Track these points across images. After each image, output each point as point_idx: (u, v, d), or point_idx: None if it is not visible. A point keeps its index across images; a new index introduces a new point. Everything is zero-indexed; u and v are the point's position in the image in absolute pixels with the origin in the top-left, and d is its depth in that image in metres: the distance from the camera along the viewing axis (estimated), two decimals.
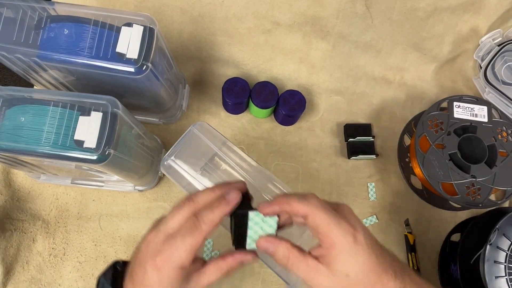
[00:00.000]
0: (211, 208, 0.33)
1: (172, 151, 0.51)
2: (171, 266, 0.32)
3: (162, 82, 0.54)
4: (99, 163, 0.43)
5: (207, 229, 0.33)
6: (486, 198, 0.59)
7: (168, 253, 0.32)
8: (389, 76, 0.75)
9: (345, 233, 0.32)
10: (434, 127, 0.63)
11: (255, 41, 0.73)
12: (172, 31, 0.72)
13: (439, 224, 0.68)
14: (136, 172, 0.56)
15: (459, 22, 0.73)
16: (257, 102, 0.66)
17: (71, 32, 0.47)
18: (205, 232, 0.32)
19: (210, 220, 0.33)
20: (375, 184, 0.69)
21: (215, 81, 0.73)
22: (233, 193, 0.35)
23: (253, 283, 0.62)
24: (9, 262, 0.59)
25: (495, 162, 0.61)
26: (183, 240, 0.32)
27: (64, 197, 0.64)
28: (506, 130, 0.63)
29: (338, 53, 0.74)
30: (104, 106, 0.45)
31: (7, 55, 0.47)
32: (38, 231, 0.62)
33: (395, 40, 0.74)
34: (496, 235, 0.53)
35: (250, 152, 0.69)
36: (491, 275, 0.52)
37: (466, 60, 0.77)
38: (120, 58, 0.47)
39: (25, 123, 0.44)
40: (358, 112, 0.73)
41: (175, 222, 0.33)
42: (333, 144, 0.71)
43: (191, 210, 0.34)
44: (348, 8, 0.70)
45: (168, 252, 0.32)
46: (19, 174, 0.65)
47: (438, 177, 0.60)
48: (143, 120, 0.68)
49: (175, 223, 0.33)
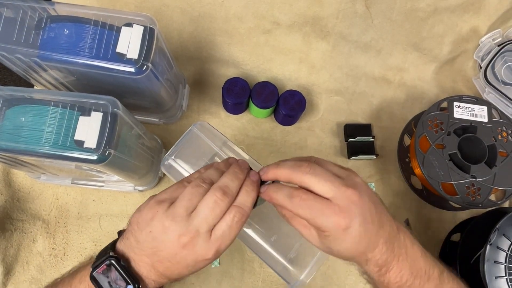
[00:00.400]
0: (247, 193, 0.37)
1: (173, 151, 0.51)
2: (220, 255, 0.36)
3: (162, 82, 0.54)
4: (99, 163, 0.43)
5: (250, 212, 0.37)
6: (486, 198, 0.59)
7: (219, 247, 0.35)
8: (389, 76, 0.75)
9: (334, 226, 0.34)
10: (434, 127, 0.63)
11: (255, 41, 0.73)
12: (172, 31, 0.72)
13: (439, 224, 0.68)
14: (136, 172, 0.56)
15: (459, 22, 0.73)
16: (257, 102, 0.66)
17: (71, 32, 0.47)
18: (248, 215, 0.37)
19: (250, 204, 0.37)
20: (375, 184, 0.69)
21: (215, 81, 0.73)
22: (256, 175, 0.39)
23: (253, 283, 0.62)
24: (9, 262, 0.59)
25: (495, 162, 0.61)
26: (233, 231, 0.36)
27: (64, 197, 0.64)
28: (506, 130, 0.63)
29: (338, 53, 0.74)
30: (104, 106, 0.45)
31: (7, 55, 0.47)
32: (38, 231, 0.62)
33: (395, 40, 0.74)
34: (496, 235, 0.53)
35: (250, 152, 0.69)
36: (491, 275, 0.52)
37: (466, 60, 0.77)
38: (120, 58, 0.47)
39: (25, 123, 0.44)
40: (358, 112, 0.73)
41: (216, 217, 0.35)
42: (333, 144, 0.71)
43: (230, 202, 0.36)
44: (348, 8, 0.70)
45: (218, 246, 0.35)
46: (19, 174, 0.65)
47: (438, 177, 0.60)
48: (143, 120, 0.68)
49: (216, 218, 0.35)
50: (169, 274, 0.37)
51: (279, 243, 0.48)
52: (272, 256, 0.47)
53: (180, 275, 0.37)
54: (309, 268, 0.46)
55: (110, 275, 0.36)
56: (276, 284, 0.62)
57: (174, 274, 0.37)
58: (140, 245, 0.37)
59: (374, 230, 0.36)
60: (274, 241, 0.48)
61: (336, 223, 0.34)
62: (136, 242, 0.37)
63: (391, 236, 0.37)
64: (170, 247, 0.35)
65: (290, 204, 0.36)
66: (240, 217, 0.36)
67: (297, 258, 0.48)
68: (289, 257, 0.47)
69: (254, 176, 0.39)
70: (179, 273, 0.37)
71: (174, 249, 0.35)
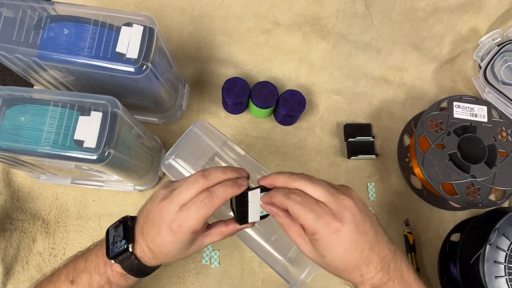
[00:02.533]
0: (225, 186, 0.39)
1: (173, 150, 0.51)
2: (184, 231, 0.38)
3: (162, 82, 0.54)
4: (99, 163, 0.43)
5: (219, 203, 0.38)
6: (486, 198, 0.59)
7: (183, 221, 0.38)
8: (389, 76, 0.75)
9: (324, 227, 0.35)
10: (434, 127, 0.63)
11: (255, 41, 0.73)
12: (172, 31, 0.72)
13: (439, 224, 0.68)
14: (136, 172, 0.56)
15: (459, 22, 0.73)
16: (257, 102, 0.66)
17: (71, 32, 0.47)
18: (217, 205, 0.38)
19: (223, 196, 0.38)
20: (375, 184, 0.69)
21: (215, 81, 0.73)
22: (244, 181, 0.41)
23: (252, 283, 0.62)
24: (9, 262, 0.59)
25: (495, 162, 0.61)
26: (197, 211, 0.38)
27: (64, 197, 0.64)
28: (506, 130, 0.63)
29: (338, 53, 0.74)
30: (104, 106, 0.45)
31: (7, 55, 0.47)
32: (38, 231, 0.62)
33: (395, 40, 0.74)
34: (496, 235, 0.53)
35: (250, 152, 0.69)
36: (491, 275, 0.52)
37: (466, 60, 0.77)
38: (120, 58, 0.47)
39: (25, 123, 0.44)
40: (358, 112, 0.73)
41: (189, 194, 0.38)
42: (333, 144, 0.71)
43: (204, 185, 0.39)
44: (348, 8, 0.70)
45: (182, 220, 0.38)
46: (19, 174, 0.64)
47: (438, 177, 0.60)
48: (143, 120, 0.68)
49: (189, 195, 0.38)
50: (148, 239, 0.40)
51: (279, 243, 0.48)
52: (272, 256, 0.47)
53: (154, 243, 0.40)
54: (309, 268, 0.46)
55: (117, 230, 0.42)
56: (275, 284, 0.62)
57: (150, 238, 0.40)
58: (143, 207, 0.43)
59: (367, 243, 0.36)
60: (274, 241, 0.48)
61: (327, 223, 0.35)
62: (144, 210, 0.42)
63: (388, 256, 0.37)
64: (150, 203, 0.41)
65: (286, 201, 0.37)
66: (207, 202, 0.38)
67: (297, 257, 0.48)
68: (289, 256, 0.47)
69: (241, 180, 0.41)
70: (152, 239, 0.40)
71: (152, 205, 0.41)
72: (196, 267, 0.62)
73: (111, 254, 0.41)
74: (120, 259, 0.40)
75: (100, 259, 0.42)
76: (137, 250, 0.41)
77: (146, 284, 0.61)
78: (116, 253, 0.40)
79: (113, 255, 0.40)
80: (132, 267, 0.41)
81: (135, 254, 0.41)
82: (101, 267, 0.41)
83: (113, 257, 0.40)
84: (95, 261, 0.42)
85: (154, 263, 0.42)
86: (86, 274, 0.42)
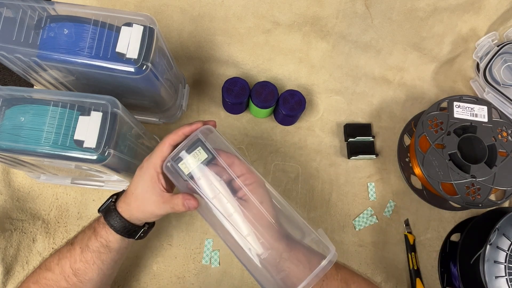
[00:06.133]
0: (174, 131, 0.46)
1: (176, 154, 0.50)
2: (148, 166, 0.45)
3: (162, 82, 0.54)
4: (99, 163, 0.43)
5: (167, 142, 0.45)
6: (486, 198, 0.59)
7: (148, 158, 0.46)
8: (389, 76, 0.75)
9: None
10: (434, 127, 0.63)
11: (255, 41, 0.73)
12: (172, 31, 0.72)
13: (439, 224, 0.68)
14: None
15: (459, 22, 0.73)
16: (257, 102, 0.66)
17: (71, 32, 0.47)
18: (166, 145, 0.45)
19: (170, 138, 0.45)
20: (375, 184, 0.69)
21: (215, 81, 0.73)
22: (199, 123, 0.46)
23: (252, 283, 0.62)
24: (9, 262, 0.59)
25: (495, 162, 0.61)
26: (158, 147, 0.45)
27: (64, 197, 0.64)
28: (506, 130, 0.63)
29: (338, 53, 0.74)
30: (104, 106, 0.45)
31: (7, 55, 0.47)
32: (38, 231, 0.62)
33: (395, 40, 0.74)
34: (496, 235, 0.53)
35: (250, 152, 0.69)
36: (491, 275, 0.52)
37: (465, 60, 0.77)
38: (120, 58, 0.47)
39: (25, 123, 0.44)
40: (358, 112, 0.73)
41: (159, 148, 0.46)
42: (333, 144, 0.71)
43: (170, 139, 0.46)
44: (348, 8, 0.70)
45: (148, 157, 0.46)
46: (19, 174, 0.65)
47: (438, 177, 0.60)
48: (143, 120, 0.68)
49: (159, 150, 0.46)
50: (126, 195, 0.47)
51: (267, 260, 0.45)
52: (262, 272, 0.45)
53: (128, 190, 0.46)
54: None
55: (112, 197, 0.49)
56: None
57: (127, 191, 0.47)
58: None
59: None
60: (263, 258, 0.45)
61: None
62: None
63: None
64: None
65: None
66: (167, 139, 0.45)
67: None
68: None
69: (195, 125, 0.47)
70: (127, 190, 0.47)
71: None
72: (196, 267, 0.62)
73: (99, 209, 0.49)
74: (104, 209, 0.48)
75: (95, 223, 0.48)
76: (118, 205, 0.47)
77: (146, 284, 0.61)
78: (102, 205, 0.48)
79: (99, 208, 0.48)
80: (115, 222, 0.46)
81: (117, 209, 0.47)
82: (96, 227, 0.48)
83: (100, 209, 0.48)
84: (92, 225, 0.49)
85: (133, 218, 0.47)
86: (82, 234, 0.49)
